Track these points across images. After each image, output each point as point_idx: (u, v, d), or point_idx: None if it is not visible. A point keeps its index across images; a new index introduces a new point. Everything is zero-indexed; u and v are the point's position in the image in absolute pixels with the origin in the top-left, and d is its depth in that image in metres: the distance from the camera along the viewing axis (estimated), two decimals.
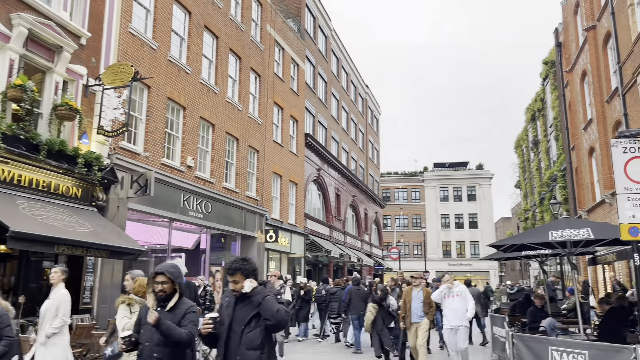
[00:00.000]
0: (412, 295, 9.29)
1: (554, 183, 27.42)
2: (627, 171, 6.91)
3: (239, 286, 3.82)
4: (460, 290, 8.91)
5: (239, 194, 18.10)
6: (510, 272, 58.41)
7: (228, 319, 3.82)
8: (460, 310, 8.71)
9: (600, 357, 5.51)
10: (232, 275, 3.86)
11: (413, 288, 9.49)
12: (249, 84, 19.65)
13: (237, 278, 3.85)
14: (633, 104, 15.39)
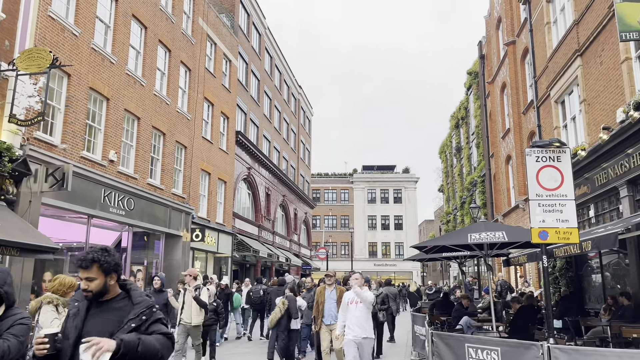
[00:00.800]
0: (326, 295, 8.76)
1: (474, 188, 28.88)
2: (539, 179, 7.37)
3: (95, 285, 2.78)
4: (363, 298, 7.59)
5: (164, 191, 17.50)
6: (432, 273, 60.80)
7: (75, 331, 2.74)
8: (363, 318, 7.31)
9: (511, 353, 5.84)
10: (85, 269, 2.78)
11: (326, 287, 8.90)
12: (178, 77, 19.07)
13: (92, 274, 2.78)
14: (546, 116, 16.52)
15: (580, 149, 13.09)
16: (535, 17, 17.40)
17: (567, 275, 15.30)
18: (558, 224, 7.15)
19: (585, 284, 14.97)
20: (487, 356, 6.03)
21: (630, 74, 11.00)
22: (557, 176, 7.33)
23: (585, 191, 13.52)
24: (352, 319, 7.27)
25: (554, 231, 7.13)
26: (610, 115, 11.78)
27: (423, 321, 9.42)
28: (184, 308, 9.05)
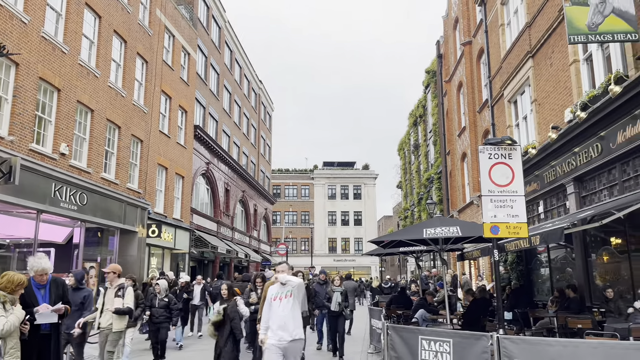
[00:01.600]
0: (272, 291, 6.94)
1: (431, 184, 29.50)
2: (492, 175, 7.61)
3: None
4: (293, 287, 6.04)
5: (119, 185, 17.04)
6: (390, 268, 61.74)
7: None
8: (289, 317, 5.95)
9: (462, 344, 6.02)
10: None
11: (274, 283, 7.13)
12: (134, 69, 18.57)
13: None
14: (499, 115, 17.05)
15: (531, 147, 13.58)
16: (490, 18, 17.90)
17: (518, 269, 15.88)
18: (509, 219, 7.40)
19: (534, 277, 15.57)
20: (439, 347, 6.19)
21: (578, 76, 11.49)
22: (508, 173, 7.58)
23: (535, 188, 14.05)
24: (275, 318, 5.96)
25: (504, 226, 7.38)
26: (559, 115, 12.27)
27: (379, 315, 9.57)
28: (102, 311, 7.84)
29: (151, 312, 9.67)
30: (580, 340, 5.85)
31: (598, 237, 11.51)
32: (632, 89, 8.88)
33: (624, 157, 9.67)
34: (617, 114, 9.58)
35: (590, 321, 9.15)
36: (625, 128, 9.38)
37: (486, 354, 5.80)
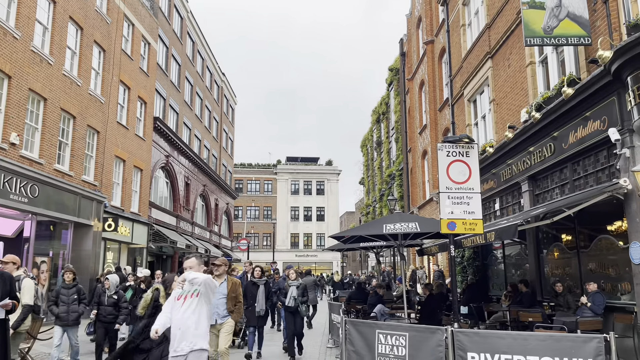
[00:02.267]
0: None
1: (392, 181, 29.88)
2: (449, 172, 7.75)
3: None
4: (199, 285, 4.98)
5: (73, 177, 16.47)
6: (351, 263, 62.33)
7: None
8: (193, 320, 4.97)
9: (417, 338, 6.13)
10: None
11: (215, 278, 6.85)
12: (91, 58, 17.95)
13: None
14: (459, 114, 17.40)
15: (489, 145, 13.93)
16: (452, 18, 18.21)
17: (474, 264, 16.29)
18: (465, 216, 7.57)
19: (490, 272, 16.01)
20: (395, 341, 6.27)
21: (534, 77, 11.84)
22: (465, 170, 7.74)
23: (492, 186, 14.42)
24: (176, 321, 4.98)
25: (461, 222, 7.54)
26: (515, 115, 12.62)
27: (339, 309, 9.62)
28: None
29: (98, 310, 8.95)
30: (529, 333, 6.04)
31: (550, 234, 11.92)
32: (584, 92, 9.21)
33: (575, 157, 10.04)
34: (570, 115, 9.93)
35: (540, 315, 9.48)
36: (576, 129, 9.73)
37: (441, 347, 5.92)
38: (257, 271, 10.04)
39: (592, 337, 5.22)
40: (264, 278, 10.05)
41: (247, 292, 9.48)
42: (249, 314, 9.42)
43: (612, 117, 8.62)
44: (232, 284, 7.54)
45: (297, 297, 9.33)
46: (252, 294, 9.57)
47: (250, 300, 9.48)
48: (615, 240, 9.27)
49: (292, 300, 9.33)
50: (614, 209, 8.89)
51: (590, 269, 9.94)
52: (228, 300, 7.31)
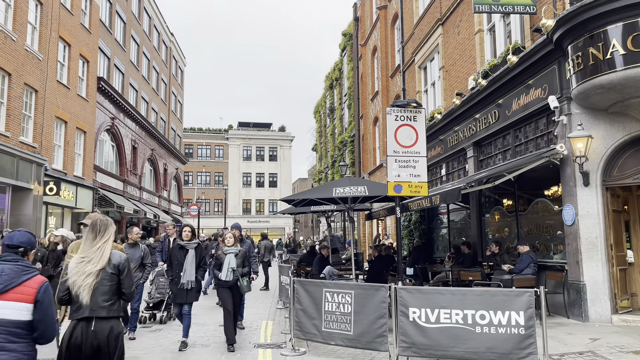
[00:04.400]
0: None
1: (345, 147, 30.08)
2: (397, 136, 7.89)
3: None
4: None
5: (10, 138, 15.60)
6: (303, 228, 62.93)
7: None
8: None
9: (362, 295, 6.33)
10: None
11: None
12: (27, 11, 16.78)
13: None
14: (410, 80, 17.59)
15: (437, 112, 14.22)
16: None
17: (420, 227, 16.83)
18: (411, 179, 7.76)
19: (435, 235, 16.62)
20: (342, 299, 6.46)
21: (482, 45, 12.08)
22: (412, 135, 7.90)
23: (439, 152, 14.81)
24: None
25: (407, 185, 7.74)
26: (463, 82, 12.90)
27: (288, 271, 9.75)
28: None
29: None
30: (467, 289, 6.37)
31: (491, 198, 12.45)
32: (527, 60, 9.51)
33: (517, 123, 10.43)
34: (514, 83, 10.25)
35: (480, 274, 9.97)
36: (519, 96, 10.07)
37: (384, 303, 6.14)
38: (187, 232, 7.71)
39: (523, 291, 5.56)
40: (194, 240, 7.75)
41: (173, 259, 7.66)
42: (174, 288, 7.50)
43: (552, 85, 8.97)
44: None
45: (235, 269, 7.37)
46: (179, 262, 7.47)
47: (176, 270, 7.46)
48: (550, 204, 9.80)
49: (229, 272, 7.35)
50: (550, 174, 9.37)
51: (527, 231, 10.50)
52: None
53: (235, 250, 7.58)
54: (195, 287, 7.42)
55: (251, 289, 7.85)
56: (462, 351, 5.55)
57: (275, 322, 9.57)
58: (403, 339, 5.81)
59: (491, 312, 5.49)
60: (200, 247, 7.71)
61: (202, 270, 7.62)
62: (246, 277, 7.55)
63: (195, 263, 7.46)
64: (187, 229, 7.75)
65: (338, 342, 6.47)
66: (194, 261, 7.44)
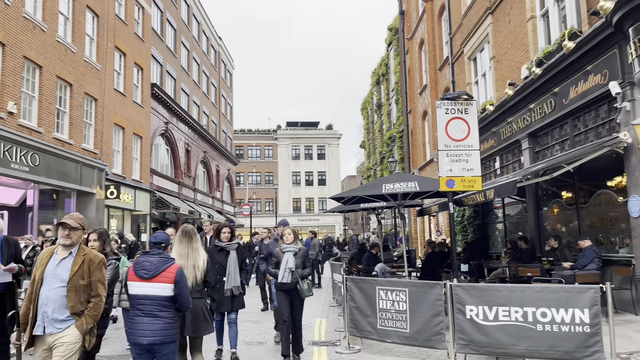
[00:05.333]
0: (48, 269, 3.97)
1: (393, 143, 29.79)
2: (448, 130, 7.73)
3: None
4: None
5: (73, 146, 16.46)
6: (353, 226, 62.86)
7: None
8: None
9: (417, 293, 6.25)
10: None
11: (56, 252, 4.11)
12: (84, 23, 17.63)
13: None
14: (459, 72, 17.19)
15: (489, 104, 13.83)
16: None
17: (474, 223, 16.43)
18: (464, 173, 7.59)
19: (489, 231, 16.17)
20: (396, 297, 6.40)
21: (535, 32, 11.63)
22: (464, 128, 7.72)
23: (492, 144, 14.39)
24: None
25: (460, 179, 7.57)
26: (516, 71, 12.47)
27: (340, 269, 9.76)
28: None
29: None
30: (525, 285, 6.16)
31: (549, 190, 11.97)
32: (585, 45, 9.07)
33: (576, 112, 9.98)
34: (570, 70, 9.81)
35: (539, 269, 9.62)
36: (577, 84, 9.63)
37: (440, 301, 6.04)
38: (226, 233, 6.86)
39: (588, 287, 5.32)
40: (234, 241, 6.92)
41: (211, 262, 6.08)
42: (217, 295, 6.50)
43: (613, 70, 8.52)
44: (84, 260, 4.05)
45: (294, 270, 6.45)
46: (219, 265, 6.61)
47: (217, 274, 6.50)
48: (614, 195, 9.32)
49: (287, 273, 6.45)
50: (613, 163, 8.90)
51: (589, 224, 10.03)
52: (70, 291, 3.92)
53: (294, 248, 6.62)
54: (241, 293, 6.72)
55: (313, 293, 6.75)
56: (523, 349, 5.39)
57: (329, 319, 9.61)
58: (461, 336, 5.69)
59: (553, 310, 5.28)
60: (240, 248, 6.98)
61: (245, 273, 6.97)
62: (306, 279, 6.57)
63: (238, 266, 6.74)
64: (226, 230, 6.91)
65: (394, 340, 6.42)
66: (237, 264, 6.71)
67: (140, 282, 4.22)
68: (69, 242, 3.97)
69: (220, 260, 6.68)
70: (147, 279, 4.20)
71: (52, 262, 3.98)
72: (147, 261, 4.29)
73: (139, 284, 4.23)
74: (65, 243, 3.98)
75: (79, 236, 4.06)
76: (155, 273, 4.23)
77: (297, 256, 6.58)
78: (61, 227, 4.04)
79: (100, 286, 4.02)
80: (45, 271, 3.92)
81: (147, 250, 4.61)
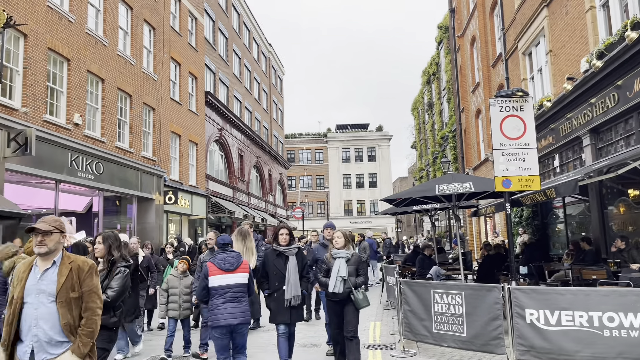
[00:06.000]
0: (29, 285, 3.32)
1: (446, 143, 29.22)
2: (503, 128, 7.51)
3: None
4: None
5: (133, 154, 17.22)
6: (406, 228, 62.06)
7: None
8: None
9: (474, 296, 6.10)
10: None
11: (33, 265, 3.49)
12: (142, 36, 18.44)
13: None
14: (514, 69, 16.66)
15: (546, 100, 13.31)
16: None
17: (533, 224, 15.84)
18: (521, 172, 7.35)
19: (550, 231, 15.53)
20: (452, 300, 6.28)
21: (594, 23, 11.11)
22: (520, 125, 7.47)
23: (550, 141, 13.84)
24: None
25: (516, 179, 7.33)
26: (574, 65, 11.95)
27: (393, 272, 9.68)
28: None
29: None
30: (591, 289, 5.87)
31: (614, 188, 11.37)
32: None
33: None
34: (635, 61, 9.29)
35: (605, 272, 9.16)
36: None
37: (498, 304, 5.87)
38: (284, 235, 6.17)
39: None
40: (294, 245, 6.22)
41: (269, 268, 6.12)
42: (274, 304, 6.02)
43: None
44: (71, 269, 3.39)
45: (347, 279, 5.83)
46: (278, 271, 6.04)
47: (275, 282, 6.04)
48: None
49: (339, 282, 5.83)
50: None
51: None
52: (61, 307, 3.31)
53: (346, 254, 5.97)
54: (302, 303, 6.09)
55: (369, 303, 5.99)
56: (588, 356, 5.14)
57: (383, 323, 9.55)
58: (520, 341, 5.51)
59: (621, 314, 5.02)
60: (301, 252, 6.28)
61: (306, 281, 6.24)
62: (360, 287, 5.90)
63: (298, 272, 6.08)
64: (284, 231, 6.20)
65: (450, 344, 6.31)
66: (297, 271, 6.04)
67: (227, 274, 5.22)
68: (45, 249, 3.30)
69: (279, 266, 6.08)
70: (232, 271, 5.22)
71: (33, 276, 3.32)
72: (228, 256, 5.30)
73: (225, 275, 5.22)
74: (41, 251, 3.30)
75: (56, 241, 3.37)
76: (237, 265, 5.29)
77: (350, 263, 5.97)
78: (33, 233, 3.39)
79: (94, 297, 3.40)
80: (26, 288, 3.29)
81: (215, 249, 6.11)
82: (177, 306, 7.37)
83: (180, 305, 7.38)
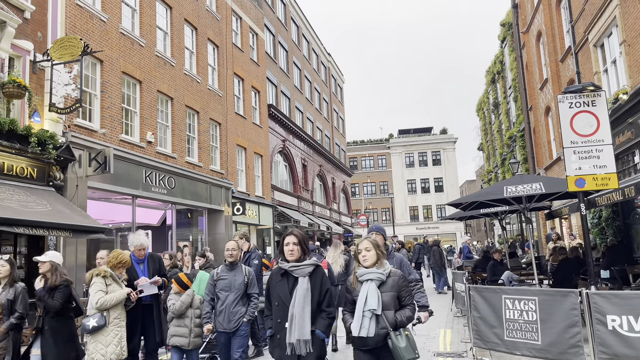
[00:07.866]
0: None
1: (514, 143, 28.15)
2: (573, 125, 7.17)
3: None
4: None
5: (202, 168, 17.94)
6: (476, 233, 60.17)
7: None
8: None
9: (548, 302, 5.83)
10: None
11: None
12: (206, 55, 19.24)
13: None
14: (585, 62, 15.82)
15: (622, 92, 12.54)
16: None
17: (614, 225, 14.89)
18: (595, 170, 6.98)
19: (633, 232, 14.53)
20: (524, 306, 6.04)
21: None
22: (592, 121, 7.11)
23: (629, 137, 12.99)
24: None
25: (591, 178, 6.97)
26: None
27: (462, 278, 9.45)
28: None
29: None
30: None
31: None
32: None
33: None
34: None
35: None
36: None
37: (575, 310, 5.59)
38: (289, 245, 4.22)
39: None
40: (308, 261, 4.19)
41: (272, 296, 4.23)
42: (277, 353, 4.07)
43: None
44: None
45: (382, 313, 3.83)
46: (280, 302, 4.14)
47: (277, 315, 4.15)
48: None
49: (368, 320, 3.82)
50: None
51: None
52: None
53: (379, 274, 3.92)
54: (314, 352, 3.96)
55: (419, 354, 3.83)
56: None
57: (453, 330, 9.32)
58: (602, 349, 5.20)
59: None
60: (318, 272, 4.18)
61: (324, 318, 4.10)
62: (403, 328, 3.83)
63: (311, 304, 4.04)
64: (291, 240, 4.22)
65: (524, 353, 6.06)
66: (308, 301, 4.03)
67: None
68: None
69: (282, 293, 4.12)
70: None
71: None
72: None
73: None
74: None
75: None
76: None
77: (386, 287, 3.89)
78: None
79: None
80: None
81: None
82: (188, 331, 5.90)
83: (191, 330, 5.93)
